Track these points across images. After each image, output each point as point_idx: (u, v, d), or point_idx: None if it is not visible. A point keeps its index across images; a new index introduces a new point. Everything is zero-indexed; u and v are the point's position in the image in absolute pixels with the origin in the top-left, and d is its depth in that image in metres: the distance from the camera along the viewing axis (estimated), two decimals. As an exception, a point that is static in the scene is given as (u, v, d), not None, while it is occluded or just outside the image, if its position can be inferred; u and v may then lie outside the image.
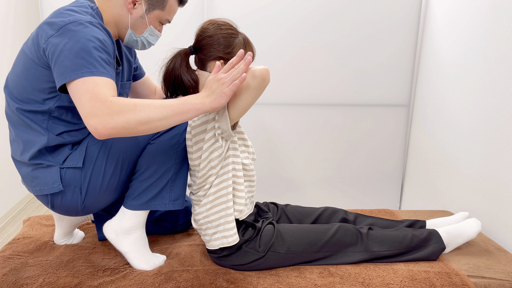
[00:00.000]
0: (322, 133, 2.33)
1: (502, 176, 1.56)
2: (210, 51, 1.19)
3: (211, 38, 1.19)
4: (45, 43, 1.05)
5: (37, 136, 1.15)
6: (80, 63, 1.01)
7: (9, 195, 2.70)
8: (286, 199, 2.40)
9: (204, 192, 1.23)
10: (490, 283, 1.21)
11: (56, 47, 1.02)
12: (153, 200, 1.22)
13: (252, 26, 2.16)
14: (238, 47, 1.20)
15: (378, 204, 2.45)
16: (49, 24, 1.06)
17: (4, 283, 1.16)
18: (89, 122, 0.98)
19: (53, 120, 1.15)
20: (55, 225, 1.40)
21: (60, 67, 1.02)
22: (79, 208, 1.20)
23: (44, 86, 1.11)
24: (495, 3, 1.60)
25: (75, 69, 1.00)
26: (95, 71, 1.01)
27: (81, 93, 0.99)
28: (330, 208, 1.48)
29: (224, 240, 1.21)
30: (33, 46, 1.09)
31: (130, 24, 1.22)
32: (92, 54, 1.02)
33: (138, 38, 1.26)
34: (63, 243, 1.41)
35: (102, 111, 0.97)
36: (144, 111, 0.99)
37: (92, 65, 1.01)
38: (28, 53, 1.10)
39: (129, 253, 1.24)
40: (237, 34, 1.21)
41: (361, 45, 2.20)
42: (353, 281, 1.20)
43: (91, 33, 1.05)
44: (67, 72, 1.01)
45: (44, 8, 2.03)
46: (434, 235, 1.35)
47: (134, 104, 0.99)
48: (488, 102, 1.64)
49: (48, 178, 1.17)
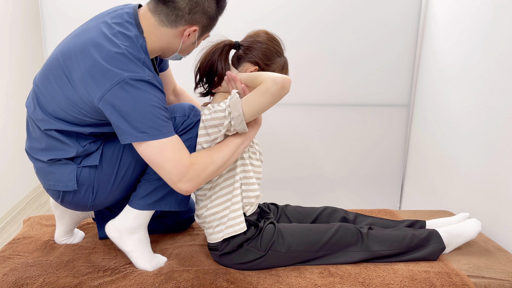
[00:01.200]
0: (322, 133, 2.33)
1: (502, 176, 1.56)
2: (252, 53, 1.25)
3: (260, 44, 1.25)
4: (103, 94, 1.02)
5: (65, 150, 1.16)
6: (149, 125, 1.04)
7: (9, 195, 2.70)
8: (286, 199, 2.40)
9: (210, 184, 1.25)
10: (490, 283, 1.21)
11: (118, 101, 1.02)
12: (160, 201, 1.23)
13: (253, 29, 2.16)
14: (276, 64, 1.28)
15: (378, 204, 2.45)
16: (105, 75, 1.02)
17: (4, 283, 1.16)
18: (179, 186, 1.09)
19: (85, 136, 1.17)
20: (56, 223, 1.40)
21: (126, 125, 1.03)
22: (89, 205, 1.22)
23: (87, 119, 1.12)
24: (495, 3, 1.60)
25: (145, 130, 1.04)
26: (165, 132, 1.06)
27: (162, 161, 1.05)
28: (330, 208, 1.48)
29: (230, 230, 1.22)
30: (81, 84, 1.05)
31: (180, 49, 1.20)
32: (156, 114, 1.05)
33: (180, 57, 1.27)
34: (63, 242, 1.42)
35: (190, 175, 1.08)
36: (219, 159, 1.13)
37: (162, 126, 1.06)
38: (71, 82, 1.06)
39: (132, 252, 1.25)
40: (282, 55, 1.30)
41: (361, 45, 2.20)
42: (353, 281, 1.20)
43: (151, 93, 1.05)
44: (136, 132, 1.04)
45: (44, 8, 2.04)
46: (434, 235, 1.35)
47: (211, 157, 1.12)
48: (488, 102, 1.64)
49: (64, 176, 1.17)
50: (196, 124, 1.20)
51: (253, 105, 1.12)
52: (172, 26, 1.12)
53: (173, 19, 1.11)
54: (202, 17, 1.13)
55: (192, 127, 1.19)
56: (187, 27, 1.13)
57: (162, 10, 1.10)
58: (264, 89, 1.11)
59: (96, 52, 1.04)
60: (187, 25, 1.13)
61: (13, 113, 2.81)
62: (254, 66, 1.26)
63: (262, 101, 1.12)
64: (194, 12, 1.11)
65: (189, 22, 1.12)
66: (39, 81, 1.14)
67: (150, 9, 1.12)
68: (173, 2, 1.09)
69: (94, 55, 1.04)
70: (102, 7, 2.04)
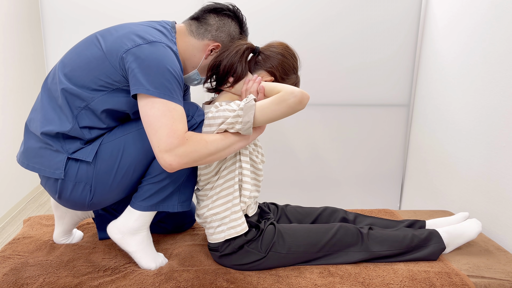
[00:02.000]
0: (322, 133, 2.33)
1: (502, 176, 1.56)
2: (270, 63, 1.27)
3: (279, 56, 1.28)
4: (132, 47, 1.08)
5: (62, 120, 1.15)
6: (164, 84, 1.07)
7: (9, 195, 2.70)
8: (285, 199, 2.40)
9: (211, 185, 1.25)
10: (490, 283, 1.21)
11: (146, 54, 1.07)
12: (163, 202, 1.23)
13: (253, 27, 2.16)
14: (291, 81, 1.30)
15: (378, 204, 2.45)
16: (139, 36, 1.11)
17: (4, 283, 1.16)
18: (163, 157, 1.06)
19: (87, 110, 1.16)
20: (55, 223, 1.40)
21: (143, 76, 1.06)
22: (87, 204, 1.21)
23: (101, 78, 1.12)
24: (495, 3, 1.60)
25: (158, 87, 1.06)
26: (176, 98, 1.08)
27: (159, 125, 1.05)
28: (330, 208, 1.48)
29: (232, 231, 1.22)
30: (112, 45, 1.11)
31: (200, 66, 1.30)
32: (176, 81, 1.09)
33: (200, 78, 1.33)
34: (62, 241, 1.42)
35: (179, 149, 1.06)
36: (213, 146, 1.11)
37: (174, 91, 1.08)
38: (102, 45, 1.13)
39: (136, 253, 1.25)
40: (297, 73, 1.32)
41: (361, 45, 2.21)
42: (353, 281, 1.20)
43: (176, 64, 1.12)
44: (150, 85, 1.06)
45: (44, 8, 2.04)
46: (434, 235, 1.35)
47: (205, 140, 1.10)
48: (488, 102, 1.65)
49: (53, 163, 1.16)
50: (200, 124, 1.20)
51: (266, 112, 1.14)
52: (199, 38, 1.26)
53: (201, 31, 1.26)
54: (227, 37, 1.28)
55: (196, 128, 1.19)
56: (212, 42, 1.27)
57: (194, 23, 1.28)
58: (281, 99, 1.13)
59: (137, 35, 1.12)
60: (212, 40, 1.27)
61: (13, 113, 2.81)
62: (270, 76, 1.28)
63: (276, 110, 1.13)
64: (221, 31, 1.27)
65: (215, 38, 1.27)
66: (64, 56, 1.20)
67: (183, 22, 1.30)
68: (205, 19, 1.27)
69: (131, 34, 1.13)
70: (102, 7, 2.04)
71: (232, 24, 1.28)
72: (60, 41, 2.07)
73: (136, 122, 1.20)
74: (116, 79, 1.12)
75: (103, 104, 1.15)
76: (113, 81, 1.12)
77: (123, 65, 1.09)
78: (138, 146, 1.17)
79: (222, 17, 1.27)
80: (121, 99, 1.15)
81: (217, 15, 1.27)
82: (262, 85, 1.21)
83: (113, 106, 1.16)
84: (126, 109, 1.18)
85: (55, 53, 2.08)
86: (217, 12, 1.27)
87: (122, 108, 1.17)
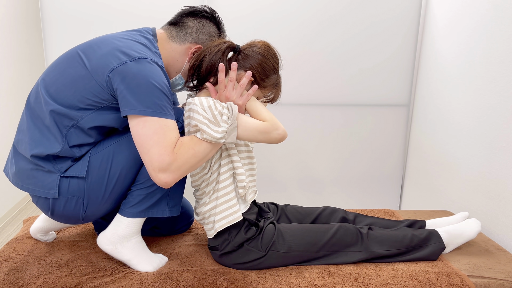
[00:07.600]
0: (322, 133, 2.33)
1: (502, 176, 1.56)
2: (249, 63, 1.25)
3: (259, 56, 1.25)
4: (118, 65, 1.07)
5: (51, 141, 1.14)
6: (155, 102, 1.07)
7: (9, 195, 2.71)
8: (285, 199, 2.40)
9: (206, 182, 1.26)
10: (490, 283, 1.21)
11: (133, 73, 1.06)
12: (152, 208, 1.22)
13: (252, 27, 2.16)
14: (269, 81, 1.28)
15: (378, 204, 2.45)
16: (123, 53, 1.09)
17: (4, 283, 1.16)
18: (158, 176, 1.07)
19: (76, 129, 1.14)
20: (40, 219, 1.40)
21: (133, 96, 1.06)
22: (80, 217, 1.20)
23: (88, 97, 1.11)
24: (495, 3, 1.60)
25: (150, 106, 1.06)
26: (167, 113, 1.09)
27: (151, 143, 1.05)
28: (330, 208, 1.48)
29: (230, 218, 1.22)
30: (97, 63, 1.09)
31: (183, 70, 1.31)
32: (165, 96, 1.09)
33: (183, 82, 1.33)
34: (38, 237, 1.41)
35: (171, 166, 1.06)
36: (200, 151, 1.12)
37: (165, 107, 1.08)
38: (86, 63, 1.11)
39: (131, 260, 1.24)
40: (277, 73, 1.30)
41: (361, 45, 2.21)
42: (353, 281, 1.20)
43: (163, 79, 1.11)
44: (141, 105, 1.05)
45: (44, 8, 2.04)
46: (434, 235, 1.35)
47: (193, 149, 1.11)
48: (488, 102, 1.65)
49: (46, 183, 1.15)
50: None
51: (248, 134, 1.17)
52: (180, 42, 1.28)
53: (182, 35, 1.28)
54: (207, 38, 1.30)
55: (182, 131, 1.20)
56: (193, 45, 1.28)
57: (173, 28, 1.29)
58: (266, 130, 1.17)
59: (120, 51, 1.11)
60: (194, 43, 1.28)
61: (13, 113, 2.81)
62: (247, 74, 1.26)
63: (257, 137, 1.18)
64: (201, 32, 1.29)
65: (196, 40, 1.28)
66: (45, 74, 1.18)
67: (163, 28, 1.31)
68: (184, 23, 1.28)
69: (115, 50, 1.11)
70: (102, 7, 2.04)
71: (211, 25, 1.30)
72: (60, 41, 2.07)
73: (123, 131, 1.20)
74: (104, 98, 1.11)
75: (92, 122, 1.14)
76: (101, 100, 1.11)
77: (110, 84, 1.08)
78: (126, 153, 1.16)
79: (200, 19, 1.29)
80: (110, 116, 1.14)
81: (195, 17, 1.28)
82: (246, 106, 1.23)
83: (102, 123, 1.15)
84: (115, 125, 1.18)
85: (55, 53, 2.08)
86: (194, 15, 1.28)
87: (111, 125, 1.17)
